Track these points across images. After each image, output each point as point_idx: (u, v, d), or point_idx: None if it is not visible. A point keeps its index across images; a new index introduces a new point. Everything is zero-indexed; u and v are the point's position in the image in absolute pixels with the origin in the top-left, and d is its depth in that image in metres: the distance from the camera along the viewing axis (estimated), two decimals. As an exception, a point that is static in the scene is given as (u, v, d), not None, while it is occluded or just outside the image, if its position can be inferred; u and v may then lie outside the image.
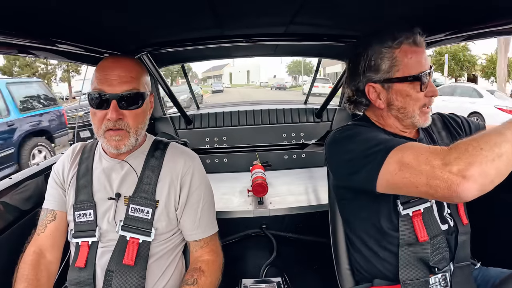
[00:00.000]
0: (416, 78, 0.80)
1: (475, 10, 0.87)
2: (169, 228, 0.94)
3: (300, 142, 2.21)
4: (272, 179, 1.91)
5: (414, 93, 0.82)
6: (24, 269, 0.87)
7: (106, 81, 0.86)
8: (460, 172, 0.61)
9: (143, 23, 1.01)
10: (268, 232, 1.86)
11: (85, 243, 0.90)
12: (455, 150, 0.64)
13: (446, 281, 0.83)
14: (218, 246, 1.02)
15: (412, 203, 0.82)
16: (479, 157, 0.60)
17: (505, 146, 0.60)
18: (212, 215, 1.02)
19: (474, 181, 0.60)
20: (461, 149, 0.63)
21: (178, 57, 2.02)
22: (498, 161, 0.60)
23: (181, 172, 0.96)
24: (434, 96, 0.83)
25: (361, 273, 0.93)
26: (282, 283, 1.21)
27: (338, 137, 0.88)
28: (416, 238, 0.81)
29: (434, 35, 1.09)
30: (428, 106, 0.84)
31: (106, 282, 0.86)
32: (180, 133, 2.24)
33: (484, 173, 0.60)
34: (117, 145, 0.88)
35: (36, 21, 0.78)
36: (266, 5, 0.90)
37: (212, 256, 0.97)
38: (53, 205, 0.95)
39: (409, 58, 0.81)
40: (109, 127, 0.87)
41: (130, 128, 0.89)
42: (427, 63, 0.83)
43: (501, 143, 0.61)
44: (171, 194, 0.94)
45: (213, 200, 1.04)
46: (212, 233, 1.00)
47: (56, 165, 1.01)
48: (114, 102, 0.85)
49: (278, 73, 47.50)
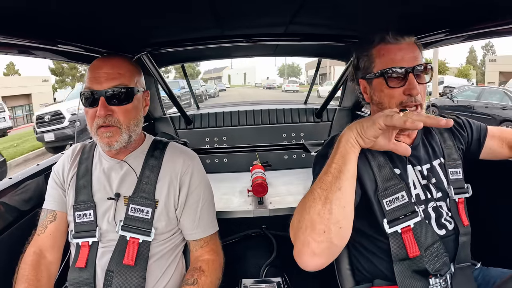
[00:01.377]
0: (382, 73, 0.83)
1: (475, 10, 0.87)
2: (169, 228, 0.94)
3: (300, 142, 2.21)
4: (272, 179, 1.91)
5: (387, 89, 0.84)
6: (24, 269, 0.87)
7: (95, 79, 0.87)
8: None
9: (143, 23, 1.01)
10: (268, 232, 1.86)
11: (85, 243, 0.90)
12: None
13: (446, 282, 0.83)
14: (218, 245, 1.02)
15: (401, 219, 0.81)
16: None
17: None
18: (212, 214, 1.02)
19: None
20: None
21: (178, 57, 2.02)
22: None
23: (180, 171, 0.96)
24: (411, 94, 0.81)
25: (362, 273, 0.93)
26: (282, 283, 1.21)
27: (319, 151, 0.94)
28: (407, 254, 0.80)
29: (434, 35, 1.09)
30: (408, 105, 0.81)
31: (107, 283, 0.86)
32: (180, 133, 2.24)
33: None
34: (109, 142, 0.88)
35: (36, 21, 0.78)
36: (266, 5, 0.90)
37: (212, 256, 0.97)
38: (53, 206, 0.95)
39: (381, 55, 0.85)
40: (100, 124, 0.87)
41: (121, 124, 0.89)
42: (407, 60, 0.82)
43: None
44: (170, 193, 0.94)
45: (213, 199, 1.04)
46: (212, 232, 1.00)
47: (56, 166, 1.01)
48: (102, 99, 0.86)
49: (271, 74, 53.85)
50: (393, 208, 0.81)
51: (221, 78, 56.43)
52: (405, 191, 0.82)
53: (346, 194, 0.67)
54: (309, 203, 0.67)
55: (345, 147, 0.68)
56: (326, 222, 0.65)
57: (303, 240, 0.66)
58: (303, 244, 0.66)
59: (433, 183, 0.87)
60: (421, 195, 0.86)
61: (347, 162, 0.68)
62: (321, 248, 0.65)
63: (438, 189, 0.87)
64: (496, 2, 0.79)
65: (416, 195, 0.85)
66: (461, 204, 0.89)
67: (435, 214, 0.86)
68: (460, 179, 0.91)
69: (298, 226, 0.68)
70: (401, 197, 0.81)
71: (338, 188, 0.66)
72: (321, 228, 0.64)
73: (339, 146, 0.70)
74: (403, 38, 0.83)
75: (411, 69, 0.81)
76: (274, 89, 31.88)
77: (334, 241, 0.65)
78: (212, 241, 1.00)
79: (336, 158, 0.69)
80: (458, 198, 0.89)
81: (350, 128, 0.70)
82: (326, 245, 0.65)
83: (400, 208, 0.81)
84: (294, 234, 0.69)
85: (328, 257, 0.67)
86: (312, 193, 0.68)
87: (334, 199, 0.66)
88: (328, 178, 0.67)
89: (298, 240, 0.67)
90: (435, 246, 0.82)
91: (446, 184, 0.89)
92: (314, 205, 0.66)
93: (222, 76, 58.23)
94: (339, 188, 0.66)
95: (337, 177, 0.67)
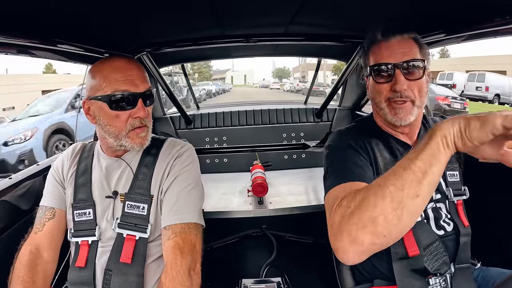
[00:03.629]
0: (370, 70, 0.87)
1: (475, 10, 0.87)
2: None
3: (300, 142, 2.21)
4: (272, 179, 1.91)
5: (376, 84, 0.85)
6: (20, 270, 0.86)
7: (130, 82, 0.86)
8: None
9: (143, 23, 1.01)
10: (268, 232, 1.86)
11: (85, 242, 0.90)
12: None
13: (446, 282, 0.83)
14: (191, 243, 0.84)
15: None
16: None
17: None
18: (193, 203, 0.90)
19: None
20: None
21: (178, 57, 2.02)
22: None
23: (171, 157, 0.94)
24: (395, 90, 0.81)
25: (361, 273, 0.93)
26: (282, 283, 1.21)
27: (326, 145, 0.92)
28: (407, 253, 0.80)
29: (434, 35, 1.09)
30: (399, 100, 0.82)
31: (105, 281, 0.86)
32: (180, 133, 2.24)
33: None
34: (142, 142, 0.90)
35: (36, 21, 0.78)
36: (266, 5, 0.90)
37: (174, 255, 0.81)
38: (52, 203, 0.94)
39: (372, 53, 0.87)
40: (137, 125, 0.88)
41: (150, 124, 0.93)
42: (394, 56, 0.82)
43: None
44: (161, 184, 0.92)
45: (199, 188, 0.95)
46: (183, 221, 0.85)
47: (55, 163, 1.00)
48: (141, 101, 0.87)
49: (267, 76, 62.54)
50: None
51: (224, 79, 62.03)
52: None
53: (422, 202, 0.55)
54: (376, 199, 0.57)
55: (439, 145, 0.54)
56: (391, 228, 0.56)
57: (356, 237, 0.57)
58: (354, 241, 0.58)
59: None
60: None
61: (434, 164, 0.54)
62: (372, 249, 0.58)
63: (437, 190, 0.88)
64: (495, 2, 0.79)
65: None
66: (460, 206, 0.89)
67: (434, 215, 0.86)
68: (457, 181, 0.91)
69: (352, 219, 0.59)
70: None
71: (416, 194, 0.54)
72: (382, 232, 0.56)
73: (431, 140, 0.55)
74: (394, 36, 0.84)
75: (399, 64, 0.81)
76: (266, 88, 40.74)
77: (388, 245, 0.58)
78: (182, 234, 0.83)
79: (424, 155, 0.55)
80: (456, 200, 0.89)
81: (452, 121, 0.55)
82: (379, 247, 0.58)
83: None
84: (340, 224, 0.61)
85: (370, 255, 0.60)
86: (381, 188, 0.57)
87: (409, 205, 0.55)
88: (408, 176, 0.55)
89: (346, 234, 0.59)
90: (434, 246, 0.82)
91: (444, 186, 0.89)
92: (382, 205, 0.56)
93: (225, 77, 64.16)
94: (417, 194, 0.54)
95: (419, 179, 0.54)
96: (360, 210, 0.58)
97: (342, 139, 0.89)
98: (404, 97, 0.81)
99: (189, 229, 0.86)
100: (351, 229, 0.58)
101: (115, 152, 0.95)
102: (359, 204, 0.59)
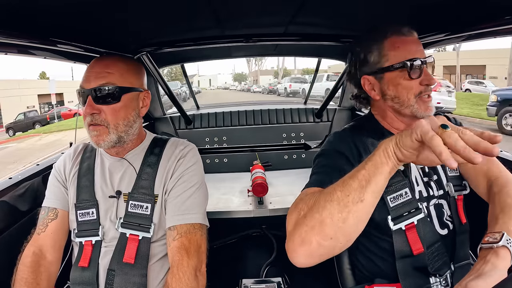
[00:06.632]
0: (403, 65, 0.82)
1: (475, 10, 0.87)
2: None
3: (300, 142, 2.21)
4: (272, 179, 1.91)
5: (404, 81, 0.83)
6: (23, 271, 0.85)
7: (86, 78, 0.88)
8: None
9: (143, 23, 1.01)
10: (268, 232, 1.86)
11: (88, 242, 0.90)
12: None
13: (447, 281, 0.83)
14: (196, 243, 0.85)
15: (404, 216, 0.81)
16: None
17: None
18: (198, 204, 0.91)
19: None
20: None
21: (178, 57, 2.02)
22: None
23: (174, 158, 0.94)
24: (429, 84, 0.83)
25: (362, 272, 0.93)
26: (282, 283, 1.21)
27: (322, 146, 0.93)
28: (411, 250, 0.80)
29: (434, 35, 1.09)
30: (426, 94, 0.83)
31: (108, 282, 0.86)
32: (180, 133, 2.25)
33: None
34: (96, 140, 0.88)
35: (36, 21, 0.78)
36: (266, 5, 0.90)
37: (180, 255, 0.82)
38: (55, 203, 0.94)
39: (396, 48, 0.83)
40: (89, 122, 0.87)
41: (109, 124, 0.87)
42: (419, 52, 0.83)
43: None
44: (166, 184, 0.92)
45: (203, 188, 0.96)
46: (188, 221, 0.86)
47: (57, 164, 1.00)
48: (89, 97, 0.86)
49: (228, 80, 65.78)
50: (397, 205, 0.81)
51: (192, 83, 62.93)
52: (408, 187, 0.82)
53: (366, 208, 0.60)
54: (325, 203, 0.61)
55: (380, 156, 0.59)
56: (337, 230, 0.60)
57: (305, 238, 0.62)
58: (303, 241, 0.62)
59: (434, 180, 0.87)
60: (423, 192, 0.86)
61: (377, 174, 0.59)
62: (320, 252, 0.62)
63: (439, 186, 0.88)
64: (495, 2, 0.80)
65: (419, 192, 0.85)
66: (460, 202, 0.89)
67: (437, 212, 0.86)
68: (457, 175, 0.91)
69: (303, 221, 0.63)
70: (404, 193, 0.81)
71: (360, 200, 0.59)
72: (329, 233, 0.60)
73: (375, 153, 0.61)
74: (412, 32, 0.85)
75: (424, 60, 0.83)
76: (226, 89, 47.44)
77: (335, 249, 0.62)
78: (188, 235, 0.85)
79: (368, 165, 0.60)
80: (457, 195, 0.89)
81: (391, 137, 0.60)
82: (326, 251, 0.62)
83: (404, 205, 0.81)
84: (294, 227, 0.65)
85: (320, 260, 0.64)
86: (330, 194, 0.62)
87: (354, 210, 0.59)
88: (353, 184, 0.60)
89: (297, 235, 0.63)
90: (436, 246, 0.82)
91: (445, 181, 0.89)
92: (330, 208, 0.60)
93: (193, 82, 66.83)
94: (361, 199, 0.59)
95: (363, 187, 0.59)
96: (311, 212, 0.63)
97: (331, 143, 0.89)
98: (431, 90, 0.85)
99: (194, 229, 0.87)
100: (301, 230, 0.63)
101: (117, 151, 0.95)
102: (311, 207, 0.64)
